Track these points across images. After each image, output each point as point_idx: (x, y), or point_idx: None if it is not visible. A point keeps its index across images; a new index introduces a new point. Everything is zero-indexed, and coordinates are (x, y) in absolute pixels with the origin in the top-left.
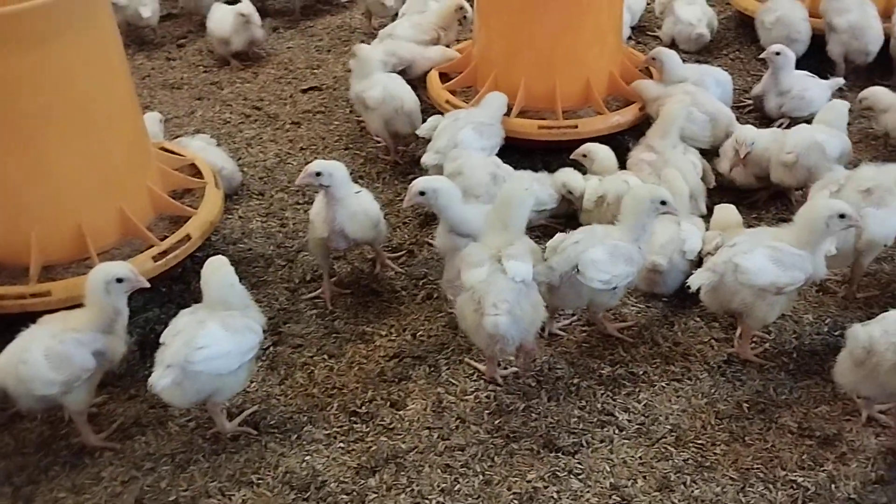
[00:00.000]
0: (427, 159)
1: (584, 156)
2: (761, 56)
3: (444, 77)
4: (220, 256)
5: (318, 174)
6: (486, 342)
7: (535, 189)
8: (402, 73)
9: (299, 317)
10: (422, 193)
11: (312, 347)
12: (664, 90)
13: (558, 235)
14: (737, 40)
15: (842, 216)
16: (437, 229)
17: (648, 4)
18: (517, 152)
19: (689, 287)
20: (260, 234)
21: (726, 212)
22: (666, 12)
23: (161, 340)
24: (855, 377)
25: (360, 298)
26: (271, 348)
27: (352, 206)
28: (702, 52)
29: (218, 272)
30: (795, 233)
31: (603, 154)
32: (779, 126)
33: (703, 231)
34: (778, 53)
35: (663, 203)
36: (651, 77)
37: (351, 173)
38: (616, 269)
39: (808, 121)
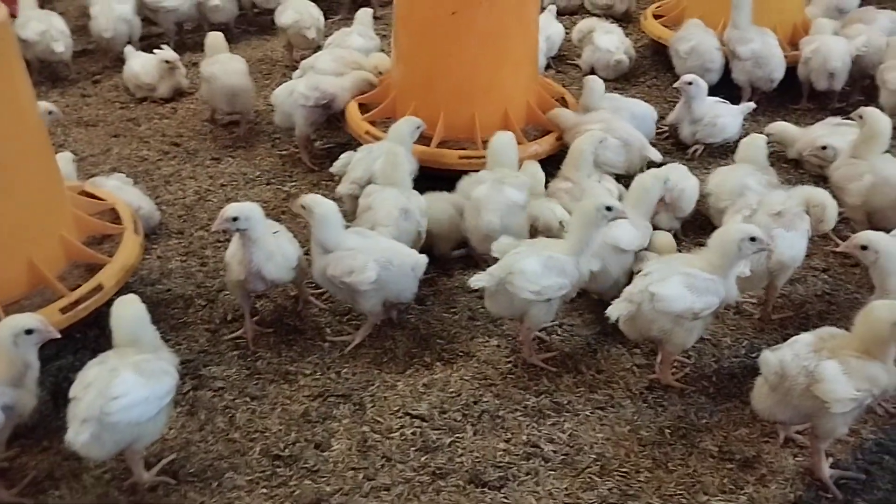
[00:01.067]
0: (342, 189)
1: None
2: (675, 85)
3: (365, 108)
4: (130, 294)
5: (234, 219)
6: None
7: None
8: (325, 106)
9: (220, 358)
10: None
11: (234, 390)
12: (580, 119)
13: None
14: (653, 67)
15: (752, 239)
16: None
17: (567, 33)
18: (440, 181)
19: (608, 317)
20: (179, 275)
21: (661, 239)
22: (584, 41)
23: (71, 395)
24: (770, 402)
25: (283, 337)
26: (191, 392)
27: (269, 247)
28: (619, 80)
29: (128, 309)
30: (708, 257)
31: (532, 169)
32: (693, 152)
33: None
34: (690, 83)
35: (609, 209)
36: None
37: (273, 209)
38: (547, 281)
39: (722, 146)
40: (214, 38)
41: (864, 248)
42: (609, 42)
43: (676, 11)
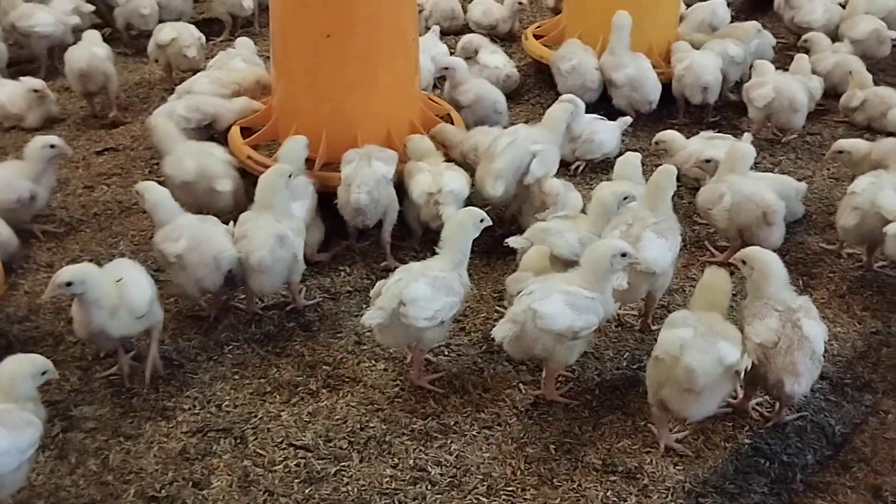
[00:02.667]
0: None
1: None
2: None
3: (248, 132)
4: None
5: (68, 284)
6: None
7: None
8: (207, 127)
9: (93, 397)
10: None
11: (107, 430)
12: (464, 135)
13: (380, 282)
14: (536, 86)
15: (623, 255)
16: None
17: (452, 53)
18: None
19: (492, 339)
20: (48, 310)
21: (539, 253)
22: (470, 62)
23: None
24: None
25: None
26: (60, 435)
27: (111, 303)
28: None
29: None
30: (584, 275)
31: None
32: (574, 168)
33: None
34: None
35: (482, 220)
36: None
37: (151, 238)
38: (438, 304)
39: (603, 162)
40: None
41: (743, 262)
42: (496, 59)
43: (556, 31)
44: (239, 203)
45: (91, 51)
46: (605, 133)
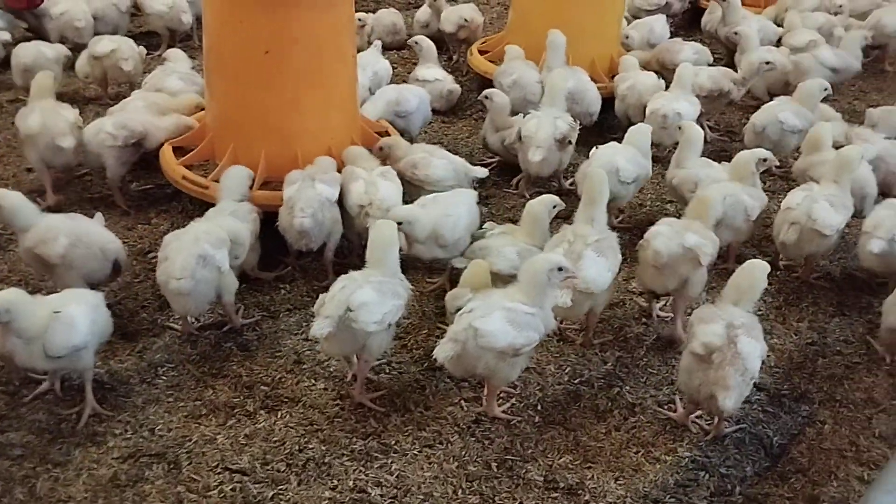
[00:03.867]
0: None
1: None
2: (479, 98)
3: (181, 151)
4: None
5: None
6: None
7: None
8: (136, 145)
9: (20, 423)
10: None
11: (34, 457)
12: (410, 149)
13: (322, 295)
14: (479, 101)
15: (560, 269)
16: None
17: (395, 68)
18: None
19: (435, 359)
20: None
21: (478, 269)
22: (410, 79)
23: None
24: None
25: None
26: None
27: (32, 333)
28: (447, 113)
29: None
30: (523, 290)
31: None
32: (491, 168)
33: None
34: (487, 97)
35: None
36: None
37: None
38: (386, 307)
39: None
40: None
41: None
42: (436, 73)
43: (501, 47)
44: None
45: (38, 49)
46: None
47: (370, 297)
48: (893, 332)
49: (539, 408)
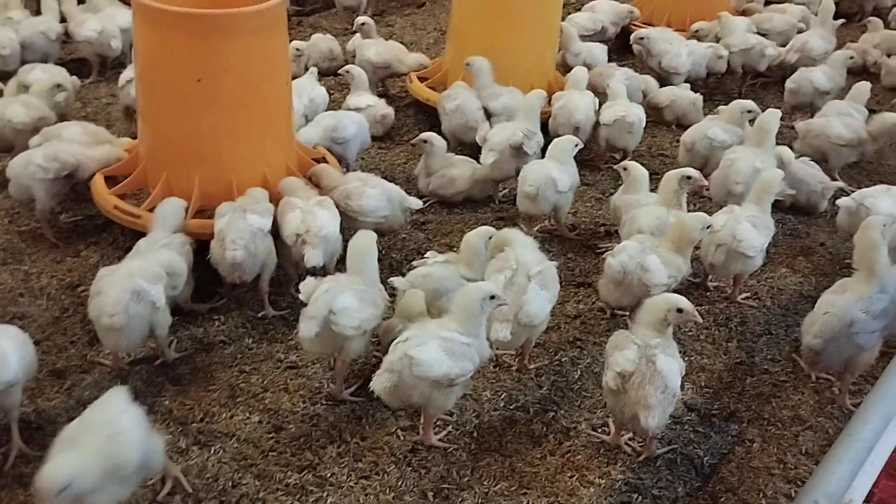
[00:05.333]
0: None
1: None
2: (412, 142)
3: (113, 181)
4: None
5: None
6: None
7: None
8: (67, 177)
9: None
10: None
11: None
12: (342, 177)
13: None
14: (416, 126)
15: (492, 297)
16: None
17: (331, 94)
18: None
19: (371, 391)
20: None
21: (411, 299)
22: (343, 106)
23: None
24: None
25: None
26: None
27: None
28: (384, 138)
29: None
30: (457, 319)
31: None
32: (426, 203)
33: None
34: (425, 142)
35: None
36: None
37: (10, 291)
38: (364, 314)
39: (452, 200)
40: None
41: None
42: (368, 99)
43: (440, 73)
44: None
45: None
46: (462, 171)
47: (351, 303)
48: (812, 350)
49: (475, 435)
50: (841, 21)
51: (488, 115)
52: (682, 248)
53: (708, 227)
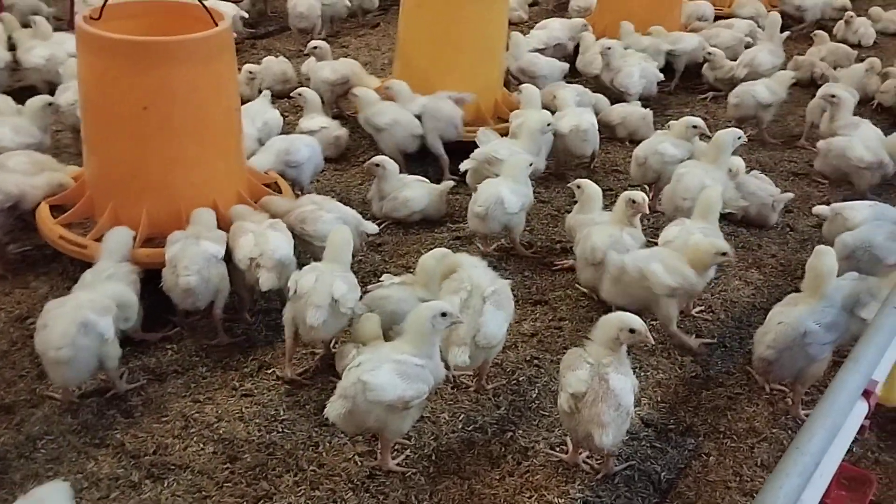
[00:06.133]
0: None
1: None
2: (366, 165)
3: (60, 209)
4: None
5: None
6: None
7: None
8: (12, 208)
9: None
10: None
11: None
12: (293, 204)
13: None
14: (371, 146)
15: (443, 315)
16: None
17: (285, 116)
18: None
19: (326, 417)
20: None
21: (366, 323)
22: (296, 132)
23: None
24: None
25: None
26: None
27: None
28: (338, 161)
29: None
30: (410, 340)
31: None
32: (381, 225)
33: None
34: (377, 165)
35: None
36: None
37: None
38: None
39: (407, 220)
40: None
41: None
42: (321, 121)
43: (388, 92)
44: None
45: None
46: (414, 192)
47: (346, 289)
48: (765, 360)
49: (433, 458)
50: (787, 34)
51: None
52: (696, 269)
53: (724, 255)
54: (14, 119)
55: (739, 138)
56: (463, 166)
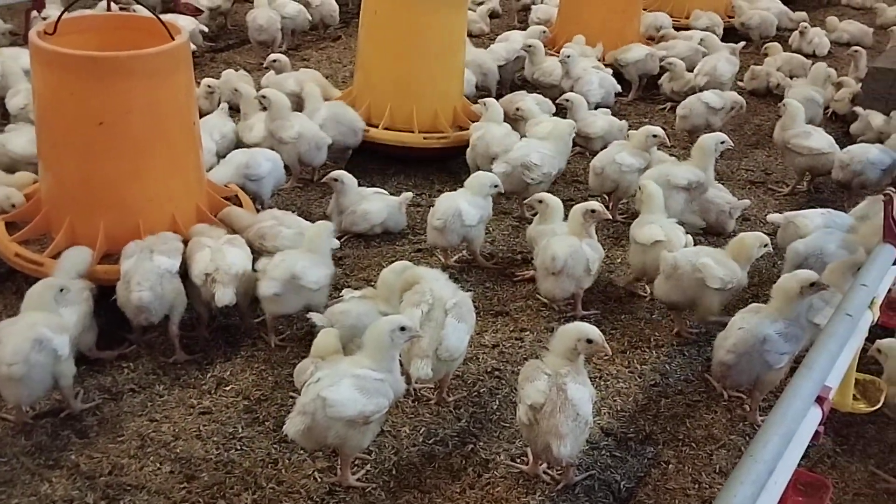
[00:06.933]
0: None
1: None
2: (324, 179)
3: (15, 226)
4: None
5: None
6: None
7: None
8: None
9: None
10: None
11: None
12: (253, 219)
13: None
14: (330, 159)
15: (402, 329)
16: None
17: None
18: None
19: (285, 434)
20: None
21: (326, 338)
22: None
23: None
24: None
25: None
26: None
27: None
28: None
29: None
30: (369, 354)
31: None
32: (342, 240)
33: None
34: (336, 180)
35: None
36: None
37: None
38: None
39: (368, 233)
40: None
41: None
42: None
43: (348, 101)
44: None
45: None
46: (373, 205)
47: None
48: (724, 365)
49: (394, 472)
50: (742, 44)
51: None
52: (740, 262)
53: (765, 246)
54: None
55: (723, 142)
56: (496, 169)
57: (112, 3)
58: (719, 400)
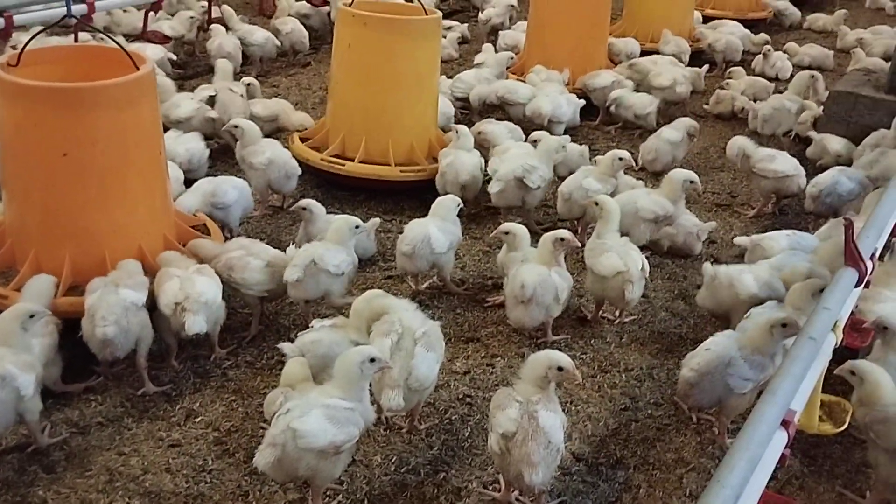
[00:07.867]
0: None
1: None
2: (293, 208)
3: None
4: None
5: None
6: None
7: None
8: None
9: None
10: None
11: None
12: (222, 248)
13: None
14: (300, 187)
15: (372, 360)
16: None
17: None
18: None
19: (256, 466)
20: None
21: (294, 367)
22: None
23: None
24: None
25: None
26: None
27: None
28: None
29: None
30: (339, 384)
31: None
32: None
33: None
34: (304, 209)
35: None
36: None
37: None
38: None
39: None
40: None
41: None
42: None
43: (321, 133)
44: None
45: None
46: None
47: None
48: (687, 383)
49: (366, 502)
50: (706, 67)
51: None
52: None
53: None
54: None
55: (692, 182)
56: (491, 190)
57: (79, 34)
58: (689, 423)
